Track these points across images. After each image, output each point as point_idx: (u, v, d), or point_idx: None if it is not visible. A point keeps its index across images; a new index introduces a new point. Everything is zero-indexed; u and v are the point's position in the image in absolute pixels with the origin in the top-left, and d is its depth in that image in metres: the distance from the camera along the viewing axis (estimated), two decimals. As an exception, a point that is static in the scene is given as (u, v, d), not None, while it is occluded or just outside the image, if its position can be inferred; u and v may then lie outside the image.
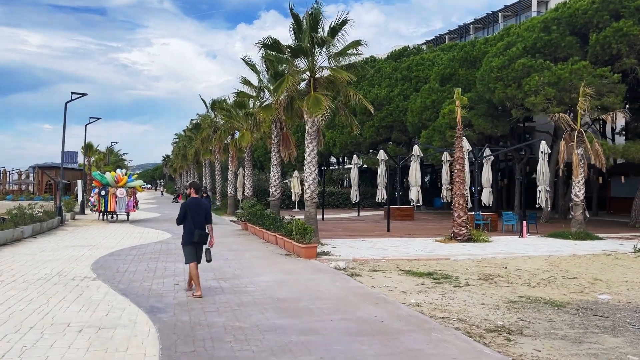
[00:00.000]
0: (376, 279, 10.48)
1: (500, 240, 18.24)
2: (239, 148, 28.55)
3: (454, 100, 31.32)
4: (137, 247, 15.29)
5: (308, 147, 16.25)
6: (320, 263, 12.22)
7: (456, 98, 18.44)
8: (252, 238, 18.42)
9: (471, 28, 61.70)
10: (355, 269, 11.58)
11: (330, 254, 13.67)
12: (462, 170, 18.38)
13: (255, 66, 21.25)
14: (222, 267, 11.52)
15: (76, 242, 16.59)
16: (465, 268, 12.19)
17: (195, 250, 8.68)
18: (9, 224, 16.29)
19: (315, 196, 16.35)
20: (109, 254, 13.49)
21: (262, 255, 13.64)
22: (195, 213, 8.62)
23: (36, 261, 12.02)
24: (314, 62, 15.86)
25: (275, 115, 20.27)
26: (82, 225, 24.07)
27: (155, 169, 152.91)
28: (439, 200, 42.71)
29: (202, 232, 8.60)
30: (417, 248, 15.72)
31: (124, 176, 26.44)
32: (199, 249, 8.76)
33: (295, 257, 13.03)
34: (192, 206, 8.67)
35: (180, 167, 66.52)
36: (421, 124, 33.78)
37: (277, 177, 21.83)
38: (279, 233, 15.51)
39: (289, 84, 15.31)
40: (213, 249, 14.91)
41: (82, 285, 9.22)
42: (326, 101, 14.98)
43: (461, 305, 8.42)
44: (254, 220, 19.93)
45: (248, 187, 28.35)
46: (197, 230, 8.55)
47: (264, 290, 8.89)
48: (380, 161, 27.97)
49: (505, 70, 25.05)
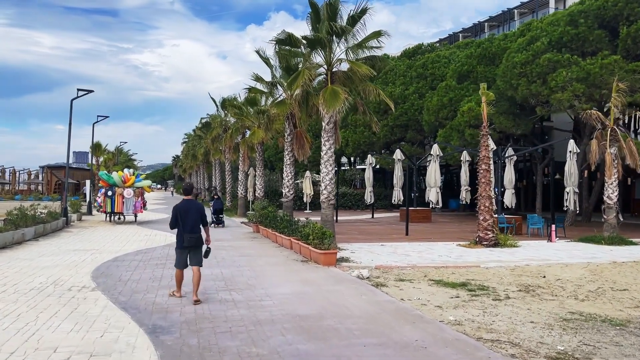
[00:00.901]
0: (405, 290, 9.43)
1: (528, 245, 17.10)
2: (250, 147, 27.56)
3: (472, 97, 30.37)
4: (143, 251, 14.34)
5: (324, 145, 15.23)
6: (341, 271, 11.18)
7: (482, 93, 17.32)
8: (264, 241, 17.42)
9: (486, 26, 60.44)
10: (380, 278, 10.53)
11: (350, 261, 12.62)
12: (488, 171, 17.25)
13: (269, 60, 20.29)
14: (234, 275, 10.51)
15: (79, 245, 15.68)
16: (500, 277, 11.10)
17: (186, 255, 8.26)
18: (8, 226, 15.41)
19: (332, 197, 15.34)
20: (112, 260, 12.54)
21: (277, 261, 12.62)
22: (186, 216, 8.16)
23: (33, 267, 11.09)
24: (332, 54, 14.83)
25: (289, 111, 19.28)
26: (88, 226, 23.21)
27: (165, 169, 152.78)
28: (454, 202, 41.61)
29: (192, 235, 8.12)
30: (442, 254, 14.63)
31: (132, 176, 25.56)
32: (191, 252, 8.28)
33: (312, 264, 12.01)
34: (183, 209, 8.22)
35: (190, 168, 65.73)
36: (438, 123, 32.69)
37: (290, 178, 20.83)
38: (294, 237, 14.50)
39: (305, 77, 14.30)
40: (225, 254, 14.04)
41: (79, 297, 8.25)
42: (344, 94, 13.95)
43: (508, 323, 7.35)
44: (267, 222, 18.93)
45: (259, 188, 27.35)
46: (187, 235, 8.10)
47: (282, 305, 7.86)
48: (396, 161, 26.87)
49: (529, 66, 23.86)
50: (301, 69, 14.58)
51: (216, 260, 12.60)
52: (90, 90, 24.23)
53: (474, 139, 27.88)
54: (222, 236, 19.08)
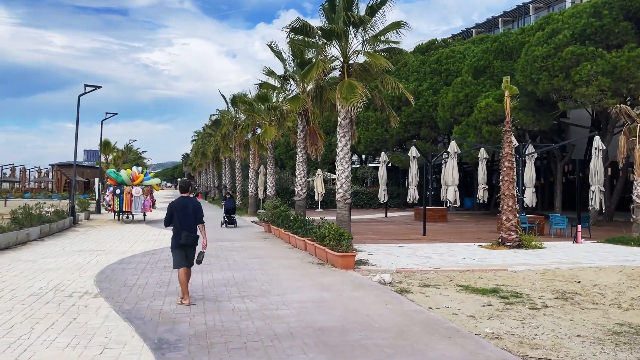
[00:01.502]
0: (431, 298, 8.69)
1: (554, 246, 16.26)
2: (261, 144, 26.89)
3: (490, 93, 29.47)
4: (151, 252, 13.71)
5: (340, 141, 14.52)
6: (360, 275, 10.46)
7: (505, 87, 16.49)
8: (277, 242, 16.74)
9: (500, 21, 59.46)
10: (403, 284, 9.80)
11: (369, 263, 11.90)
12: (512, 168, 16.44)
13: (281, 54, 19.60)
14: (247, 279, 9.83)
15: (85, 245, 15.09)
16: (531, 282, 10.32)
17: (185, 253, 7.89)
18: (12, 226, 14.86)
19: (347, 196, 14.63)
20: (118, 262, 11.92)
21: (291, 264, 11.93)
22: (183, 213, 7.85)
23: (34, 270, 10.48)
24: (348, 46, 14.09)
25: (302, 107, 18.59)
26: (95, 225, 22.69)
27: (175, 167, 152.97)
28: (468, 201, 40.66)
29: (189, 234, 7.79)
30: (465, 256, 13.86)
31: (140, 174, 25.01)
32: (189, 252, 7.94)
33: (329, 267, 11.30)
34: (179, 206, 7.93)
35: (200, 166, 65.29)
36: (453, 119, 31.87)
37: (302, 175, 20.14)
38: (308, 238, 13.80)
39: (320, 70, 13.58)
40: (236, 255, 13.39)
41: (80, 304, 7.61)
42: (361, 88, 13.21)
43: (552, 337, 6.59)
44: (279, 222, 18.25)
45: (270, 186, 26.69)
46: (184, 232, 7.76)
47: (300, 315, 7.15)
48: (411, 158, 26.11)
49: (551, 60, 22.97)
50: (316, 61, 13.88)
51: (227, 262, 11.94)
52: (97, 86, 23.69)
53: (491, 135, 27.05)
54: (233, 236, 18.43)
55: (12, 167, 66.87)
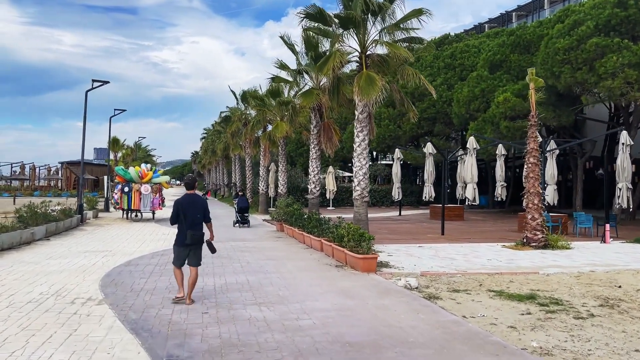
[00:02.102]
0: (464, 305, 7.97)
1: (581, 246, 15.45)
2: (272, 140, 26.21)
3: (507, 87, 28.57)
4: (160, 253, 13.07)
5: (357, 136, 13.80)
6: (383, 279, 9.74)
7: (530, 79, 15.67)
8: (290, 242, 16.06)
9: (513, 16, 58.39)
10: (430, 288, 9.08)
11: (390, 266, 11.18)
12: (537, 165, 15.63)
13: (294, 46, 18.90)
14: (262, 283, 9.15)
15: (91, 246, 14.49)
16: (568, 287, 9.55)
17: (186, 253, 7.69)
18: (15, 225, 14.30)
19: (366, 194, 13.92)
20: (125, 263, 11.29)
21: (308, 266, 11.23)
22: (189, 211, 7.64)
23: (36, 273, 9.87)
24: (366, 35, 13.35)
25: (316, 101, 17.87)
26: (103, 224, 22.14)
27: (184, 165, 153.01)
28: (483, 198, 39.76)
29: (195, 232, 7.60)
30: (490, 257, 13.09)
31: (149, 171, 24.43)
32: (192, 250, 7.71)
33: (349, 270, 10.59)
34: (185, 204, 7.68)
35: (209, 163, 64.80)
36: (469, 115, 31.01)
37: (316, 173, 19.45)
38: (324, 238, 13.10)
39: (337, 61, 12.85)
40: (249, 257, 12.72)
41: (82, 313, 6.96)
42: (381, 80, 12.48)
43: (609, 353, 5.85)
44: (292, 221, 17.57)
45: (282, 184, 26.01)
46: (189, 231, 7.56)
47: (324, 326, 6.45)
48: (427, 155, 25.31)
49: (573, 52, 22.06)
50: (333, 51, 13.15)
51: (240, 264, 11.27)
52: (105, 82, 23.13)
53: (510, 131, 26.19)
54: (245, 235, 17.78)
55: (21, 165, 66.74)
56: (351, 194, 38.86)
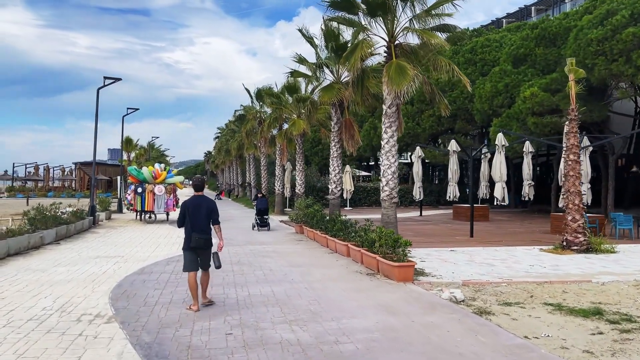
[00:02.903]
0: (521, 321, 6.96)
1: (627, 250, 14.34)
2: (289, 139, 25.29)
3: (534, 82, 27.36)
4: (176, 259, 12.19)
5: (385, 132, 12.83)
6: (423, 290, 8.75)
7: (569, 70, 14.57)
8: (312, 245, 15.12)
9: (533, 10, 56.98)
10: (478, 301, 8.08)
11: (427, 274, 10.18)
12: (578, 162, 14.55)
13: (313, 39, 17.94)
14: (289, 295, 8.21)
15: (103, 250, 13.67)
16: (632, 299, 8.48)
17: (196, 256, 7.43)
18: (23, 229, 13.52)
19: (395, 195, 12.93)
20: (138, 271, 10.42)
21: (336, 274, 10.27)
22: (195, 214, 7.39)
23: (41, 283, 9.03)
24: (395, 22, 12.36)
25: (337, 97, 16.92)
26: (116, 226, 21.38)
27: (197, 165, 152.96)
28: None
29: (200, 235, 7.32)
30: (532, 263, 12.03)
31: (163, 171, 23.64)
32: (201, 255, 7.47)
33: (383, 279, 9.61)
34: (192, 206, 7.44)
35: (223, 163, 64.13)
36: (492, 111, 29.88)
37: (337, 172, 18.48)
38: (352, 243, 12.14)
39: (364, 51, 11.88)
40: (271, 263, 11.80)
41: (88, 334, 6.07)
42: (412, 70, 11.49)
43: None
44: (313, 223, 16.64)
45: (299, 183, 25.09)
46: (194, 234, 7.31)
47: (369, 352, 5.49)
48: (451, 153, 24.20)
49: (607, 43, 20.87)
50: (359, 41, 12.18)
51: (263, 272, 10.35)
52: (117, 79, 22.36)
53: (537, 127, 25.04)
54: (264, 238, 16.87)
55: (35, 166, 66.57)
56: (369, 194, 38.18)
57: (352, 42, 17.03)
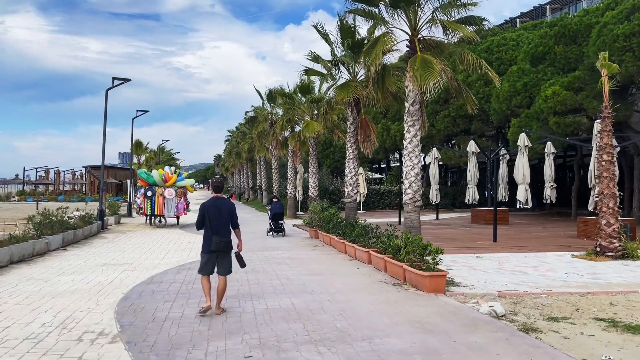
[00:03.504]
0: (574, 340, 6.18)
1: (665, 256, 13.42)
2: (302, 141, 24.59)
3: (555, 80, 26.46)
4: (187, 266, 11.52)
5: (408, 131, 12.09)
6: (458, 303, 7.98)
7: (602, 65, 13.74)
8: (329, 251, 14.38)
9: (547, 9, 56.02)
10: (520, 315, 7.30)
11: (457, 283, 9.40)
12: (612, 162, 13.71)
13: (329, 36, 17.25)
14: (311, 309, 7.47)
15: (110, 257, 13.03)
16: (690, 313, 7.66)
17: (213, 260, 7.27)
18: (28, 234, 12.92)
19: (418, 198, 12.18)
20: (147, 280, 9.74)
21: (359, 284, 9.52)
22: (215, 216, 7.20)
23: (43, 295, 8.37)
24: (419, 14, 11.61)
25: (353, 95, 16.20)
26: (125, 231, 20.78)
27: (207, 168, 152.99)
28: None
29: (221, 238, 7.13)
30: (568, 270, 11.21)
31: (173, 174, 23.03)
32: (220, 258, 7.28)
33: (410, 290, 8.85)
34: (211, 208, 7.26)
35: (233, 166, 63.63)
36: (510, 112, 29.04)
37: (353, 174, 17.74)
38: (373, 249, 11.39)
39: (386, 45, 11.16)
40: (288, 271, 11.07)
41: (90, 356, 5.38)
42: (439, 64, 10.75)
43: None
44: (329, 227, 15.92)
45: (313, 186, 24.38)
46: (215, 237, 7.13)
47: (411, 380, 4.74)
48: (470, 154, 23.45)
49: (636, 38, 19.98)
50: (380, 35, 11.46)
51: (280, 281, 9.63)
52: (126, 79, 21.81)
53: (560, 127, 24.16)
54: (278, 244, 16.16)
55: (46, 170, 66.48)
56: (382, 197, 37.32)
57: (368, 38, 16.35)
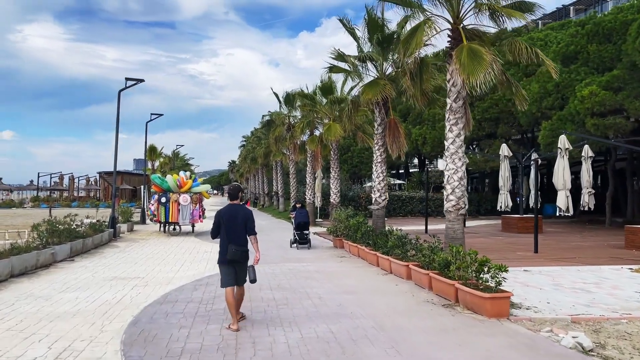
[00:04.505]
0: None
1: None
2: (323, 144, 23.41)
3: (592, 79, 24.97)
4: (204, 281, 10.35)
5: (451, 130, 10.84)
6: (529, 331, 6.67)
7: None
8: (358, 263, 13.13)
9: (571, 10, 54.54)
10: (609, 349, 6.00)
11: (517, 305, 8.08)
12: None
13: (355, 31, 16.06)
14: (355, 339, 6.22)
15: (121, 269, 11.91)
16: None
17: (233, 270, 6.89)
18: (31, 245, 11.86)
19: (462, 205, 10.92)
20: (160, 299, 8.57)
21: (404, 305, 8.25)
22: (230, 223, 6.87)
23: (40, 318, 7.24)
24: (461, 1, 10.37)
25: (382, 94, 14.99)
26: (138, 239, 19.72)
27: (221, 175, 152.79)
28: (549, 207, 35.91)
29: (237, 247, 6.77)
30: (637, 288, 9.83)
31: (188, 179, 21.96)
32: (239, 268, 6.91)
33: (466, 313, 7.57)
34: (227, 215, 6.94)
35: (248, 172, 62.65)
36: (540, 114, 27.67)
37: (381, 179, 16.50)
38: (413, 263, 10.12)
39: (428, 33, 9.92)
40: (318, 288, 9.83)
41: (86, 410, 4.21)
42: (489, 54, 9.50)
43: None
44: (357, 237, 14.68)
45: (335, 192, 23.16)
46: (231, 246, 6.76)
47: None
48: (501, 158, 22.05)
49: (683, 32, 18.54)
50: (420, 22, 10.24)
51: (312, 302, 8.39)
52: (140, 80, 20.84)
53: (598, 129, 22.72)
54: (301, 254, 14.95)
55: (60, 176, 66.08)
56: (403, 204, 35.86)
57: (398, 33, 15.16)
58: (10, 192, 65.22)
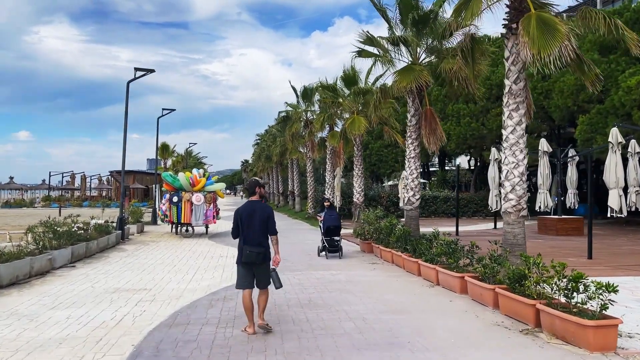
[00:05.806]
0: None
1: None
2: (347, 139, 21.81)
3: (637, 70, 23.15)
4: (222, 293, 8.80)
5: (510, 117, 9.22)
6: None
7: None
8: (393, 270, 11.51)
9: (598, 2, 52.36)
10: None
11: (622, 334, 6.41)
12: None
13: (386, 11, 14.43)
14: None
15: (126, 277, 10.42)
16: None
17: (251, 272, 6.27)
18: (24, 250, 10.41)
19: (523, 205, 9.26)
20: (168, 320, 7.03)
21: (471, 330, 6.62)
22: (248, 222, 6.25)
23: (18, 347, 5.73)
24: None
25: (417, 82, 13.36)
26: (148, 241, 18.28)
27: (234, 174, 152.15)
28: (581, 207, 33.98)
29: (253, 249, 6.12)
30: None
31: (202, 177, 20.49)
32: (257, 271, 6.28)
33: (554, 342, 5.93)
34: (245, 213, 6.31)
35: (262, 170, 61.23)
36: (577, 107, 25.85)
37: (415, 176, 14.84)
38: (469, 274, 8.49)
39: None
40: (357, 304, 8.13)
41: None
42: (564, 26, 7.86)
43: None
44: (390, 241, 13.07)
45: (358, 191, 21.55)
46: (246, 247, 6.15)
47: None
48: (540, 154, 20.30)
49: None
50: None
51: (355, 325, 6.78)
52: (150, 70, 19.41)
53: (652, 122, 20.90)
54: (328, 260, 13.35)
55: (72, 175, 65.18)
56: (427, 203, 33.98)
57: (436, 10, 13.52)
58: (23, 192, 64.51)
